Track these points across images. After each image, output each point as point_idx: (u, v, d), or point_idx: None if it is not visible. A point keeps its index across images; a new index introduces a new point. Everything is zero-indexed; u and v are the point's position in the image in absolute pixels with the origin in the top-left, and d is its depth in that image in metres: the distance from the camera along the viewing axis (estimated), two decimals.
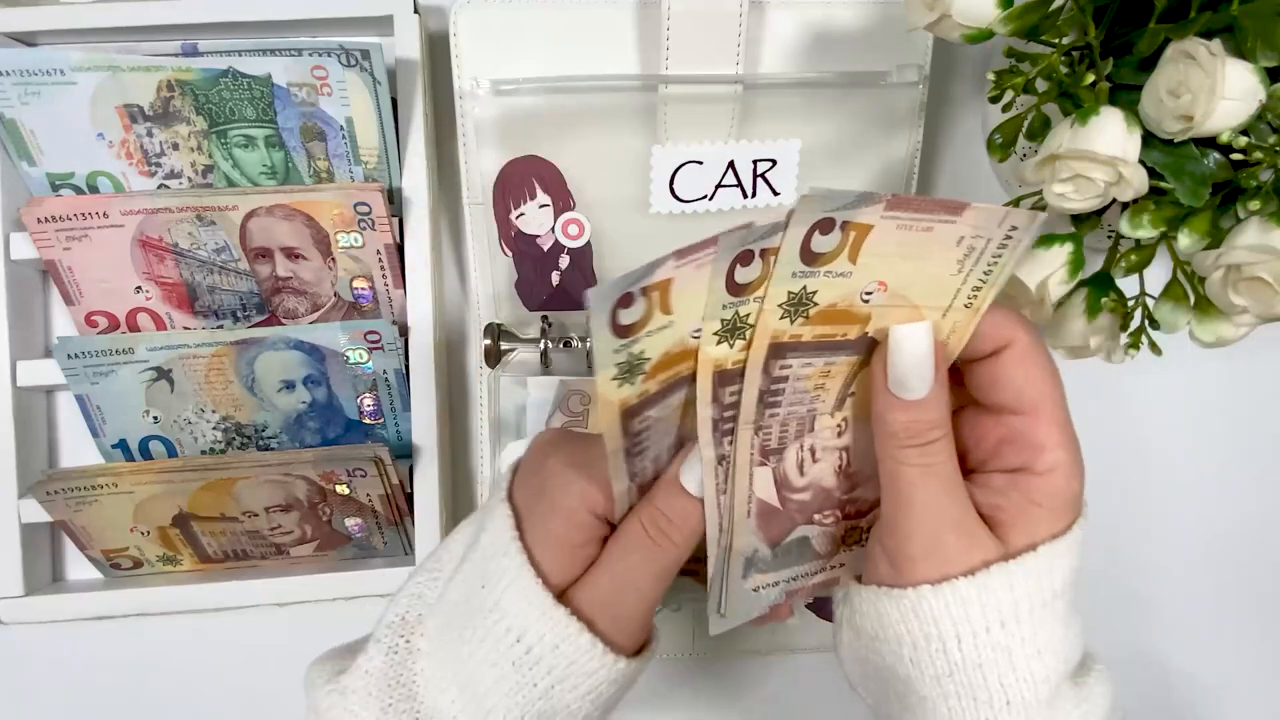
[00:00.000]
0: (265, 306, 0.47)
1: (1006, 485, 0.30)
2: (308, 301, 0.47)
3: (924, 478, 0.30)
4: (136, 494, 0.46)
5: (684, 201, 0.46)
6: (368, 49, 0.43)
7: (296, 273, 0.46)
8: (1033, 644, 0.29)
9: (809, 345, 0.30)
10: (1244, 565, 0.54)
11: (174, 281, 0.47)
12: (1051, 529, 0.30)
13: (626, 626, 0.32)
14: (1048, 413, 0.30)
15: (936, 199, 0.27)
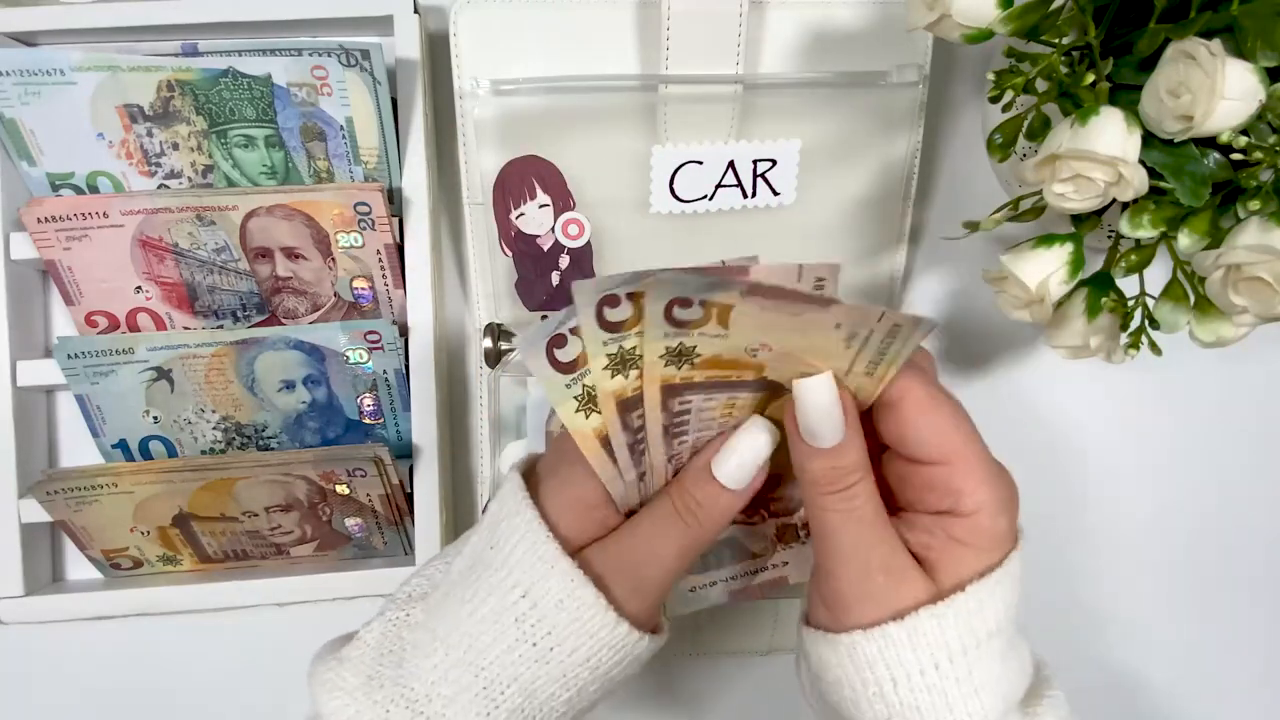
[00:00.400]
0: (265, 306, 0.47)
1: (933, 524, 0.30)
2: (308, 301, 0.47)
3: (846, 522, 0.30)
4: (136, 494, 0.46)
5: (684, 201, 0.46)
6: (368, 49, 0.43)
7: (296, 273, 0.46)
8: (969, 683, 0.29)
9: (704, 384, 0.30)
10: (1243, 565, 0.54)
11: (174, 281, 0.47)
12: (980, 566, 0.30)
13: (639, 597, 0.31)
14: (960, 459, 0.30)
15: (801, 293, 0.27)
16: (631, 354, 0.29)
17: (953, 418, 0.30)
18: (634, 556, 0.31)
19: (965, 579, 0.29)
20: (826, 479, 0.30)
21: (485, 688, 0.30)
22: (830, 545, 0.30)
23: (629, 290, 0.27)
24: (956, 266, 0.52)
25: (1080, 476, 0.53)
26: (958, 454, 0.30)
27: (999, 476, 0.30)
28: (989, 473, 0.30)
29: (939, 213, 0.52)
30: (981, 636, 0.29)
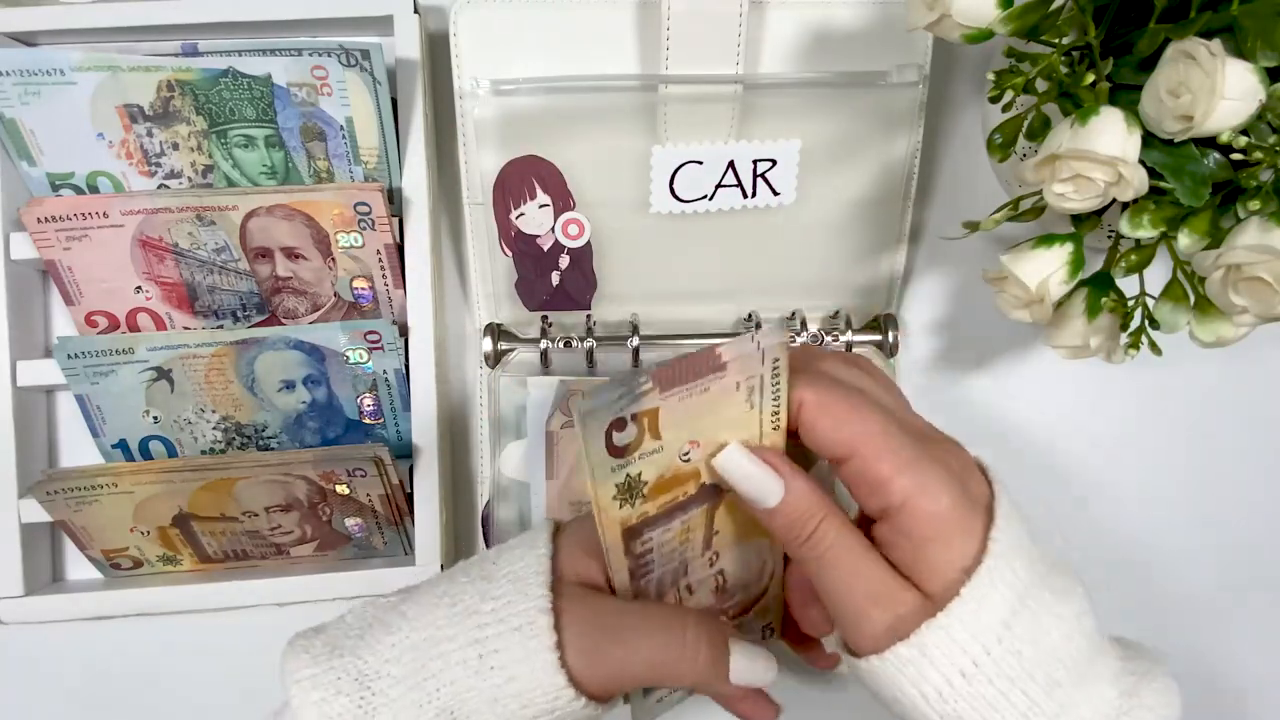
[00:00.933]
0: (265, 306, 0.47)
1: (889, 531, 0.29)
2: (308, 301, 0.47)
3: (823, 566, 0.30)
4: (136, 494, 0.46)
5: (684, 201, 0.46)
6: (368, 49, 0.43)
7: (296, 272, 0.46)
8: (1004, 680, 0.28)
9: (659, 516, 0.31)
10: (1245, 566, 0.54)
11: (174, 281, 0.47)
12: (957, 558, 0.28)
13: (598, 666, 0.32)
14: (863, 447, 0.29)
15: (693, 357, 0.27)
16: (638, 479, 0.30)
17: (846, 410, 0.29)
18: (613, 634, 0.31)
19: (952, 576, 0.28)
20: (789, 534, 0.30)
21: (427, 679, 0.31)
22: (822, 592, 0.31)
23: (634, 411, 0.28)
24: (956, 266, 0.52)
25: (1080, 476, 0.53)
26: (859, 443, 0.29)
27: (920, 458, 0.29)
28: (904, 457, 0.29)
29: (939, 213, 0.52)
30: (999, 630, 0.28)
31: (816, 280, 0.50)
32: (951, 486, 0.29)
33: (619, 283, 0.49)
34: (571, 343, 0.48)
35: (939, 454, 0.29)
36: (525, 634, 0.31)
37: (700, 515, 0.32)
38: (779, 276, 0.50)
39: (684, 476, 0.30)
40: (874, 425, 0.29)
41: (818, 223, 0.48)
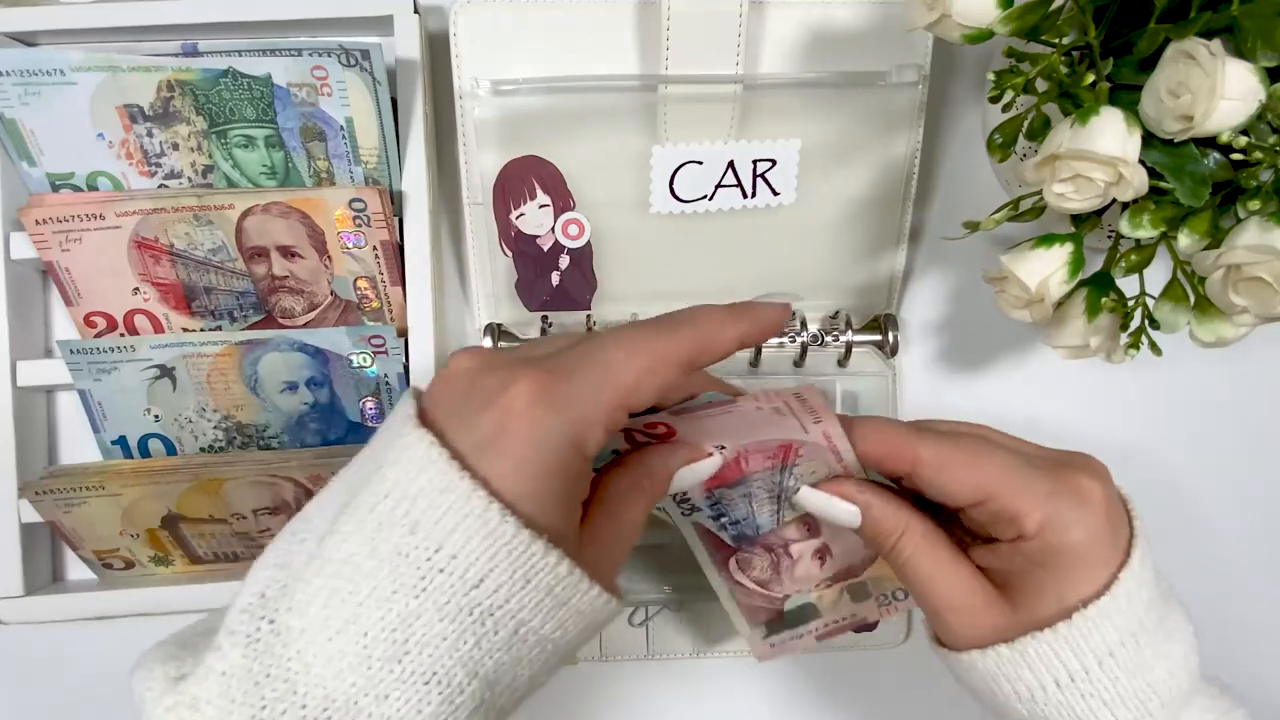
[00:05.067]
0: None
1: (1010, 553, 0.31)
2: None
3: (905, 571, 0.33)
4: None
5: (684, 201, 0.46)
6: (368, 49, 0.43)
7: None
8: (1096, 698, 0.30)
9: None
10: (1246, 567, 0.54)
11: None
12: (1079, 585, 0.30)
13: (610, 568, 0.29)
14: (1002, 489, 0.30)
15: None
16: None
17: (973, 453, 0.31)
18: (616, 540, 0.30)
19: (1068, 601, 0.30)
20: (874, 544, 0.34)
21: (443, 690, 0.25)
22: (910, 589, 0.34)
23: None
24: (956, 266, 0.52)
25: None
26: (994, 484, 0.31)
27: (1058, 491, 0.31)
28: (1043, 490, 0.30)
29: (939, 213, 0.52)
30: (1102, 654, 0.30)
31: (816, 280, 0.50)
32: (1087, 521, 0.30)
33: (619, 283, 0.49)
34: None
35: (1076, 486, 0.31)
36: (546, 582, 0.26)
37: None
38: (779, 276, 0.50)
39: None
40: (1000, 466, 0.31)
41: (818, 223, 0.48)
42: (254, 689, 0.24)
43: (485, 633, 0.25)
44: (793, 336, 0.49)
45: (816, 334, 0.49)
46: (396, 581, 0.25)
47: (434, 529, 0.25)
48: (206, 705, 0.25)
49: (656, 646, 0.52)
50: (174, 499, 0.47)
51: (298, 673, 0.24)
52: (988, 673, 0.31)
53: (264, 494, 0.47)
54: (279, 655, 0.25)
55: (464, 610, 0.25)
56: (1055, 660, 0.30)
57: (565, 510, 0.27)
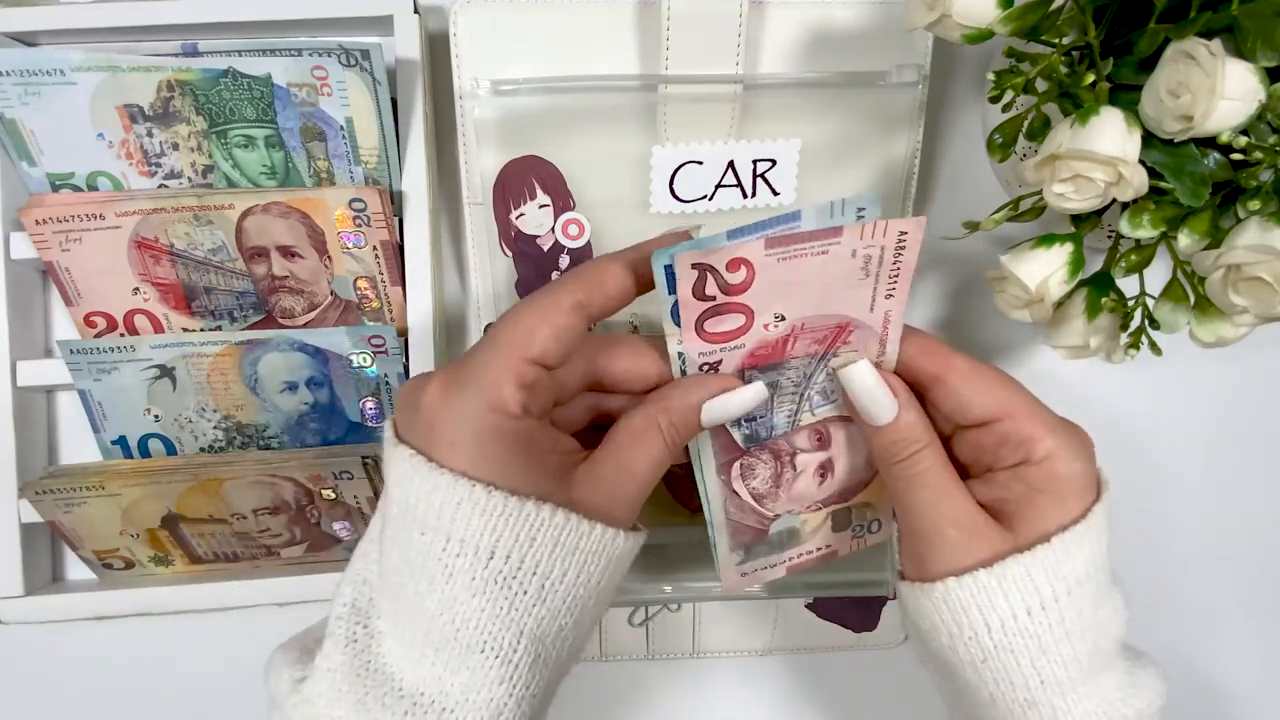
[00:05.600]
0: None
1: (1009, 479, 0.32)
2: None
3: (913, 485, 0.33)
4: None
5: (684, 202, 0.46)
6: (368, 49, 0.43)
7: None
8: (1061, 628, 0.31)
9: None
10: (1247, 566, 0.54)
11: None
12: (1061, 515, 0.31)
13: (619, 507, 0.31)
14: (1019, 409, 0.32)
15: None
16: None
17: (1000, 377, 0.33)
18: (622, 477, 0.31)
19: (1049, 529, 0.31)
20: (889, 451, 0.33)
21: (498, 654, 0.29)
22: (902, 506, 0.33)
23: None
24: (956, 266, 0.52)
25: None
26: (1015, 405, 0.32)
27: (1066, 426, 0.33)
28: (1054, 421, 0.32)
29: (939, 213, 0.52)
30: (1071, 583, 0.31)
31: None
32: (1085, 456, 0.32)
33: None
34: None
35: (1075, 429, 0.33)
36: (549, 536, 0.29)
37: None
38: None
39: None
40: (1025, 393, 0.33)
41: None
42: (356, 680, 0.29)
43: (514, 596, 0.28)
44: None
45: None
46: (430, 578, 0.28)
47: (437, 525, 0.28)
48: (320, 698, 0.29)
49: (656, 646, 0.52)
50: (174, 499, 0.47)
51: (390, 665, 0.29)
52: (958, 603, 0.31)
53: (264, 494, 0.47)
54: (375, 653, 0.30)
55: (488, 583, 0.28)
56: (1030, 585, 0.31)
57: (531, 466, 0.29)
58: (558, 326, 0.30)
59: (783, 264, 0.29)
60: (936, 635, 0.32)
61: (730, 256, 0.29)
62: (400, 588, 0.29)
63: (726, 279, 0.29)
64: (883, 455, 0.34)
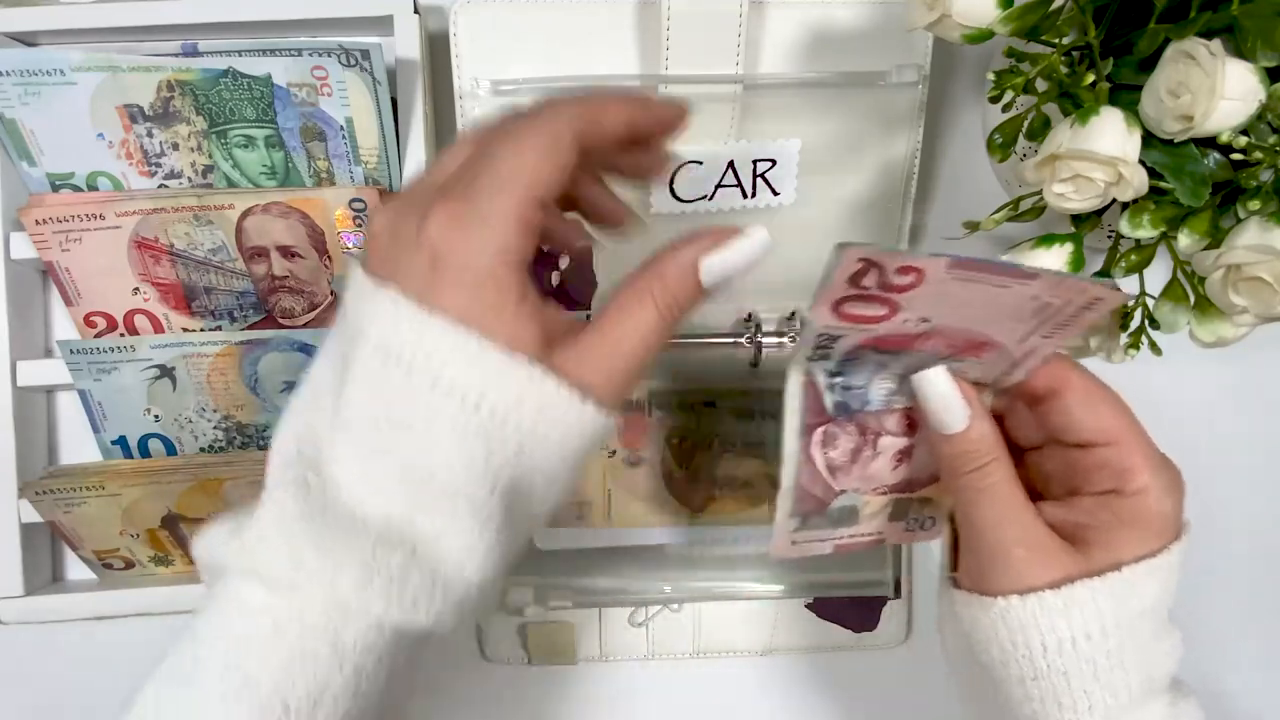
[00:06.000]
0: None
1: (1095, 506, 0.32)
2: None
3: (980, 499, 0.32)
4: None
5: (684, 202, 0.46)
6: (368, 49, 0.43)
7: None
8: (1118, 656, 0.30)
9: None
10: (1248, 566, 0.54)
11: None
12: (1139, 549, 0.31)
13: (601, 383, 0.29)
14: (1126, 439, 0.32)
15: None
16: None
17: (1116, 402, 0.33)
18: (606, 349, 0.29)
19: (1123, 559, 0.31)
20: (960, 461, 0.32)
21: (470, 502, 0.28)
22: (969, 520, 0.33)
23: None
24: None
25: None
26: (1124, 434, 0.32)
27: (1165, 463, 0.32)
28: (1156, 456, 0.32)
29: (939, 213, 0.52)
30: (1135, 614, 0.31)
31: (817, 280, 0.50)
32: (1176, 496, 0.32)
33: None
34: None
35: (1172, 467, 0.33)
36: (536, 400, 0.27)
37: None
38: (779, 276, 0.49)
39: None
40: (1134, 422, 0.32)
41: (817, 223, 0.48)
42: (311, 521, 0.27)
43: (492, 450, 0.27)
44: (792, 337, 0.49)
45: None
46: (408, 423, 0.27)
47: (425, 370, 0.27)
48: (263, 542, 0.27)
49: (656, 646, 0.52)
50: (174, 499, 0.47)
51: (353, 507, 0.27)
52: (1017, 621, 0.31)
53: None
54: (332, 496, 0.27)
55: (471, 433, 0.27)
56: (1094, 610, 0.30)
57: (522, 322, 0.28)
58: (561, 164, 0.28)
59: (958, 284, 0.29)
60: (987, 648, 0.32)
61: (906, 263, 0.28)
62: (370, 431, 0.27)
63: (890, 279, 0.29)
64: (951, 465, 0.33)
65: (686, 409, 0.49)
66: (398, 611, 0.27)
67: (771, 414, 0.50)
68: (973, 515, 0.32)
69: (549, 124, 0.29)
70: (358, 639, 0.27)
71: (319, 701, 0.27)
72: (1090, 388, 0.32)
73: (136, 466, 0.47)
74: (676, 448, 0.49)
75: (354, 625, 0.27)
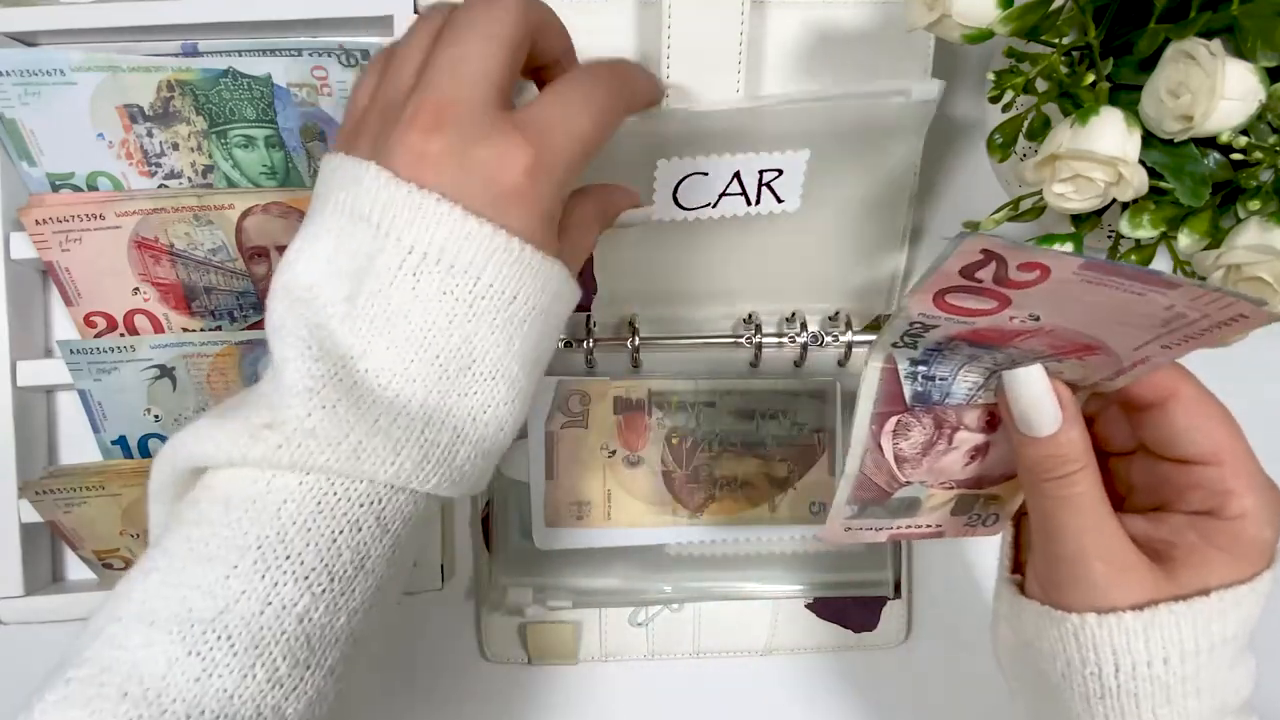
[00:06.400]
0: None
1: (1185, 525, 0.31)
2: None
3: (1061, 510, 0.30)
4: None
5: (687, 209, 0.46)
6: (368, 49, 0.43)
7: None
8: (1193, 683, 0.29)
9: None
10: None
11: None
12: (1228, 574, 0.30)
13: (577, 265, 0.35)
14: (1233, 460, 0.30)
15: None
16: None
17: (1226, 419, 0.31)
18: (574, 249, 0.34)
19: (1211, 583, 0.30)
20: (1041, 467, 0.31)
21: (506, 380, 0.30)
22: (1045, 528, 0.31)
23: None
24: None
25: None
26: (1230, 455, 0.30)
27: (1268, 488, 0.31)
28: (1260, 480, 0.30)
29: (939, 213, 0.52)
30: (1216, 641, 0.30)
31: (817, 282, 0.50)
32: (1277, 525, 0.30)
33: (619, 284, 0.49)
34: (571, 344, 0.48)
35: (1276, 493, 0.31)
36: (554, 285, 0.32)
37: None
38: (780, 279, 0.49)
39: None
40: (1242, 441, 0.31)
41: (820, 226, 0.48)
42: (356, 407, 0.28)
43: (523, 335, 0.31)
44: (792, 337, 0.49)
45: (817, 334, 0.49)
46: (449, 313, 0.29)
47: (470, 267, 0.29)
48: (311, 435, 0.27)
49: (656, 646, 0.52)
50: None
51: (390, 395, 0.29)
52: (1090, 640, 0.30)
53: None
54: (364, 389, 0.29)
55: (507, 322, 0.30)
56: (1175, 636, 0.29)
57: (552, 225, 0.32)
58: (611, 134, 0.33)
59: (1084, 286, 0.27)
60: (1051, 659, 0.31)
61: (1031, 259, 0.27)
62: (403, 323, 0.29)
63: (1010, 274, 0.27)
64: (1034, 469, 0.31)
65: (686, 409, 0.49)
66: (447, 486, 0.29)
67: (772, 414, 0.50)
68: (1052, 524, 0.31)
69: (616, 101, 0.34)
70: (399, 510, 0.29)
71: (362, 568, 0.28)
72: (1201, 402, 0.30)
73: (136, 466, 0.47)
74: (676, 448, 0.49)
75: (399, 498, 0.29)
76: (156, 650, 0.26)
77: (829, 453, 0.50)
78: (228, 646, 0.26)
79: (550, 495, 0.48)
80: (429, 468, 0.29)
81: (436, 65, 0.30)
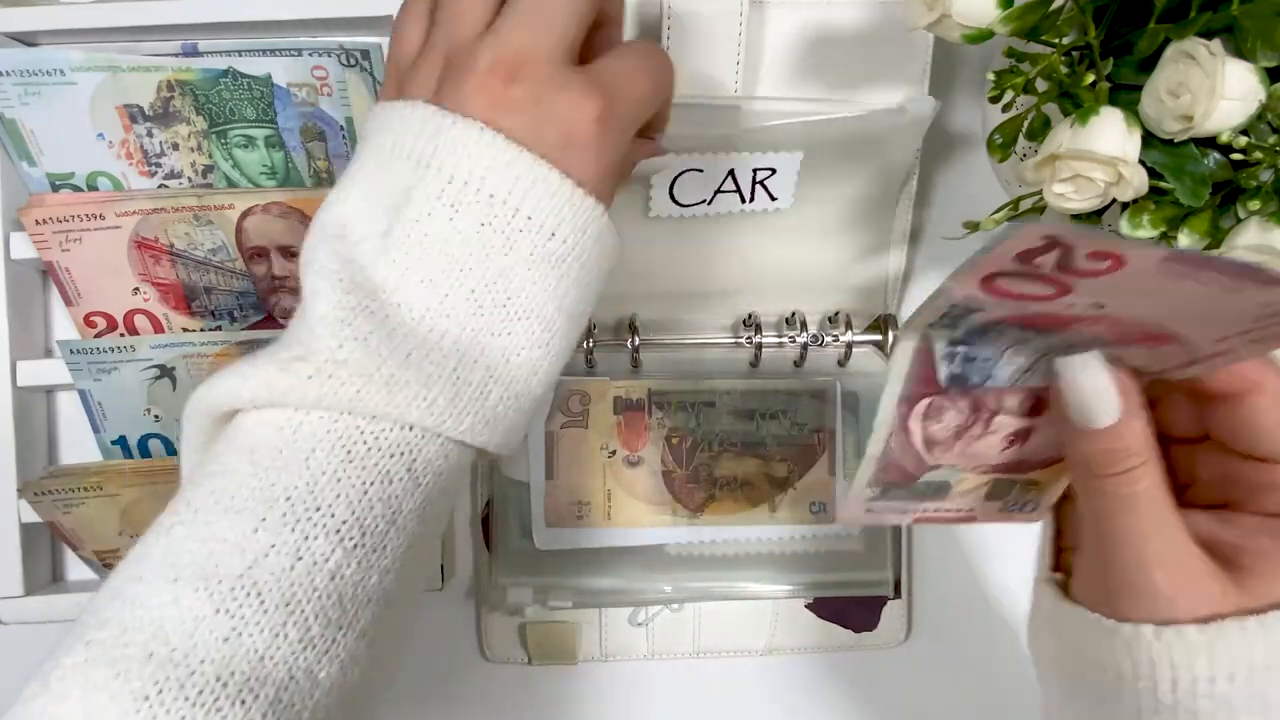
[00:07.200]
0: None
1: (1259, 528, 0.28)
2: None
3: (1121, 510, 0.28)
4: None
5: (683, 206, 0.46)
6: (368, 49, 0.43)
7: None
8: (1260, 700, 0.27)
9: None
10: None
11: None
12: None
13: None
14: None
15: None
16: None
17: None
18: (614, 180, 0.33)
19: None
20: (1098, 462, 0.28)
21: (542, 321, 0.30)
22: (1101, 530, 0.28)
23: None
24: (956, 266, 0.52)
25: None
26: None
27: None
28: None
29: (939, 213, 0.52)
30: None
31: (816, 281, 0.50)
32: None
33: (617, 283, 0.48)
34: None
35: None
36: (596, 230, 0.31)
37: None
38: (779, 278, 0.49)
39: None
40: None
41: (817, 225, 0.48)
42: (388, 343, 0.27)
43: (561, 274, 0.29)
44: (792, 338, 0.49)
45: (816, 334, 0.49)
46: (486, 245, 0.28)
47: (509, 197, 0.28)
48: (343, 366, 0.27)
49: (657, 646, 0.52)
50: None
51: (423, 330, 0.28)
52: (1146, 654, 0.27)
53: None
54: (396, 322, 0.28)
55: (544, 259, 0.29)
56: (1244, 651, 0.26)
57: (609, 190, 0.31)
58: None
59: (1165, 278, 0.25)
60: (1098, 669, 0.28)
61: (1103, 249, 0.24)
62: (438, 257, 0.28)
63: (1075, 263, 0.25)
64: (1089, 464, 0.28)
65: (686, 409, 0.49)
66: (481, 428, 0.28)
67: (772, 414, 0.50)
68: (1107, 523, 0.28)
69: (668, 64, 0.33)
70: (430, 463, 0.28)
71: (394, 523, 0.27)
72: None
73: (136, 466, 0.47)
74: (676, 448, 0.49)
75: (431, 447, 0.28)
76: (183, 607, 0.24)
77: (829, 453, 0.50)
78: (258, 603, 0.24)
79: (550, 495, 0.48)
80: (461, 405, 0.28)
81: (518, 11, 0.29)
